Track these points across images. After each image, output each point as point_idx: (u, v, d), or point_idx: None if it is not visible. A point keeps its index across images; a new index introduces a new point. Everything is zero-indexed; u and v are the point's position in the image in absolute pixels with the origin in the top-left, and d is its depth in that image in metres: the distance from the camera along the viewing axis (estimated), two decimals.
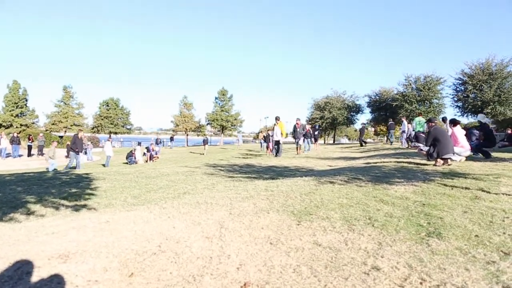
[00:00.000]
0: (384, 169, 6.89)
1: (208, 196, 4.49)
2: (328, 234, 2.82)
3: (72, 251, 2.61)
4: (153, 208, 3.96)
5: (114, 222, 3.42)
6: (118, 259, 2.47)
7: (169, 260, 2.44)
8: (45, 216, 3.74)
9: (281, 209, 3.63)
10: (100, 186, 5.69)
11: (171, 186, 5.71)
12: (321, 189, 4.50)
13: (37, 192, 5.09)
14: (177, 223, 3.32)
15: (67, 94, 48.53)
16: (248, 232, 2.97)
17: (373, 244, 2.56)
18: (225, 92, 54.07)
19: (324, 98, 42.13)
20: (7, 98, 47.07)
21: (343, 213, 3.40)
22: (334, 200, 3.91)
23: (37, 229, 3.20)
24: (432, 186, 4.60)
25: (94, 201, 4.49)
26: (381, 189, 4.46)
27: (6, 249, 2.67)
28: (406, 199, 3.93)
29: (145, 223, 3.36)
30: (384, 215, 3.28)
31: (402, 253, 2.36)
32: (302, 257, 2.39)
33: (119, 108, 53.73)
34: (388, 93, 37.63)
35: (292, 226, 3.07)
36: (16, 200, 4.54)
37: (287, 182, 5.31)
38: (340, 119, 40.41)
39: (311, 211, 3.50)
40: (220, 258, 2.45)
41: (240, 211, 3.60)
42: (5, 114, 46.42)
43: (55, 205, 4.22)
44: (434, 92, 32.18)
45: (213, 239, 2.83)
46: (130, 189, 5.44)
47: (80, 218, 3.63)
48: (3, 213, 3.81)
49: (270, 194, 4.32)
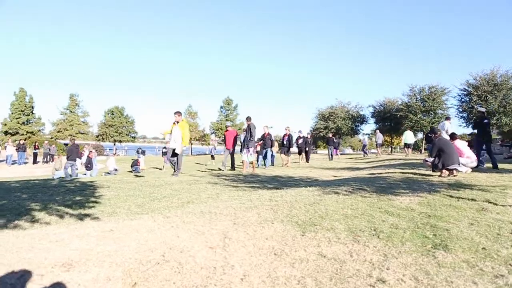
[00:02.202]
0: (389, 179, 6.85)
1: (212, 206, 4.48)
2: (333, 245, 2.80)
3: (76, 260, 2.60)
4: (157, 217, 3.95)
5: (117, 231, 3.40)
6: (121, 268, 2.45)
7: (172, 270, 2.42)
8: (49, 224, 3.74)
9: (286, 219, 3.61)
10: (104, 195, 5.69)
11: (175, 195, 5.70)
12: (325, 199, 4.48)
13: (41, 200, 5.10)
14: (180, 232, 3.30)
15: (73, 102, 48.86)
16: (252, 243, 2.94)
17: (378, 256, 2.53)
18: (230, 101, 54.22)
19: (329, 108, 42.21)
20: (14, 106, 47.45)
21: (348, 224, 3.37)
22: (339, 210, 3.88)
23: (41, 237, 3.20)
24: (437, 198, 4.57)
25: (98, 209, 4.48)
26: (386, 200, 4.43)
27: (10, 257, 2.66)
28: (412, 210, 3.90)
29: (148, 232, 3.34)
30: (389, 227, 3.25)
31: (408, 265, 2.33)
32: (306, 269, 2.37)
33: (123, 117, 53.96)
34: (392, 104, 37.67)
35: (297, 237, 3.05)
36: (20, 207, 4.54)
37: (291, 192, 5.29)
38: (344, 129, 40.42)
39: (316, 221, 3.47)
40: (224, 268, 2.43)
41: (244, 221, 3.58)
42: (11, 122, 46.76)
43: (59, 213, 4.21)
44: (439, 102, 32.18)
45: (217, 249, 2.81)
46: (134, 197, 5.43)
47: (83, 226, 3.62)
48: (8, 220, 3.81)
49: (274, 204, 4.30)
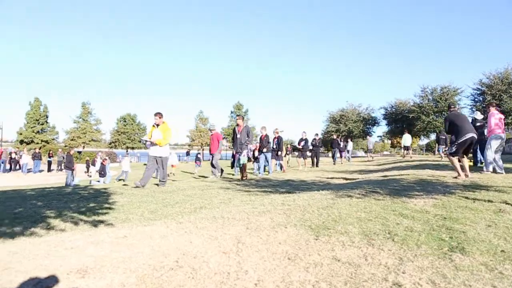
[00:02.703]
0: (402, 182, 6.77)
1: (225, 211, 4.48)
2: (347, 249, 2.77)
3: (90, 266, 2.62)
4: (170, 223, 3.97)
5: (131, 237, 3.43)
6: (135, 274, 2.47)
7: (186, 275, 2.43)
8: (64, 231, 3.78)
9: (299, 223, 3.59)
10: (118, 201, 5.74)
11: (187, 200, 5.72)
12: (338, 203, 4.45)
13: (56, 207, 5.16)
14: (194, 238, 3.31)
15: (86, 111, 49.64)
16: (266, 247, 2.93)
17: (393, 259, 2.50)
18: (240, 106, 54.41)
19: (340, 111, 42.01)
20: (29, 115, 48.42)
21: (362, 227, 3.34)
22: (352, 214, 3.84)
23: (56, 243, 3.23)
24: (453, 199, 4.50)
25: (111, 216, 4.52)
26: (400, 203, 4.37)
27: (27, 264, 2.70)
28: (426, 212, 3.85)
29: (162, 238, 3.36)
30: (404, 229, 3.20)
31: (424, 269, 2.29)
32: (321, 273, 2.35)
33: (136, 124, 54.58)
34: (404, 105, 37.29)
35: (310, 241, 3.03)
36: (36, 214, 4.60)
37: (303, 196, 5.26)
38: (356, 131, 40.15)
39: (329, 225, 3.44)
40: (238, 273, 2.42)
41: (257, 226, 3.58)
42: (27, 131, 47.68)
43: (74, 220, 4.26)
44: (451, 103, 31.80)
45: (230, 254, 2.81)
46: (147, 204, 5.47)
47: (98, 233, 3.65)
48: (24, 228, 3.86)
49: (287, 209, 4.28)
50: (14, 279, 2.41)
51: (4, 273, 2.52)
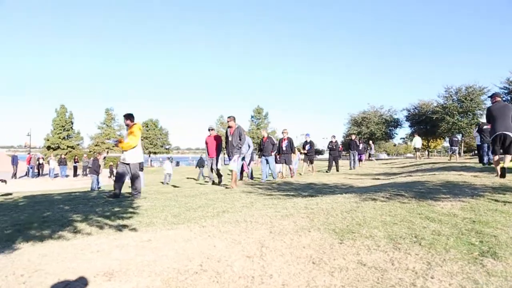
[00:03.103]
0: (428, 184, 6.62)
1: (247, 215, 4.48)
2: (373, 253, 2.72)
3: (116, 269, 2.66)
4: (193, 227, 3.99)
5: (155, 240, 3.47)
6: (160, 277, 2.49)
7: (210, 279, 2.43)
8: (90, 234, 3.86)
9: (322, 227, 3.55)
10: (141, 205, 5.82)
11: (210, 204, 5.75)
12: (362, 206, 4.38)
13: (82, 211, 5.27)
14: (217, 242, 3.32)
15: (109, 116, 50.78)
16: (290, 251, 2.91)
17: (421, 264, 2.44)
18: (260, 110, 54.50)
19: (361, 113, 41.53)
20: (55, 122, 49.90)
21: (387, 231, 3.27)
22: (377, 217, 3.78)
23: (83, 247, 3.30)
24: (482, 202, 4.36)
25: (135, 220, 4.59)
26: (426, 206, 4.27)
27: (55, 266, 2.77)
28: (454, 216, 3.74)
29: (185, 241, 3.38)
30: (431, 233, 3.12)
31: (454, 274, 2.23)
32: (346, 278, 2.32)
33: (158, 129, 55.40)
34: (427, 106, 36.56)
35: (335, 245, 2.99)
36: (63, 218, 4.72)
37: (326, 199, 5.21)
38: (378, 134, 39.60)
39: (354, 229, 3.39)
40: (262, 278, 2.41)
41: (280, 230, 3.56)
42: (53, 137, 49.11)
43: (100, 224, 4.34)
44: (477, 103, 30.93)
45: (254, 258, 2.80)
46: (170, 208, 5.52)
47: (122, 236, 3.71)
48: (52, 231, 3.96)
49: (310, 212, 4.25)
50: (44, 280, 2.48)
51: (34, 275, 2.60)
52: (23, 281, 2.48)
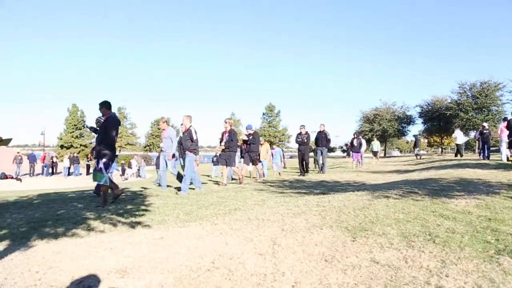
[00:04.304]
0: (442, 181, 6.53)
1: (259, 212, 4.48)
2: (386, 251, 2.69)
3: (129, 267, 2.69)
4: (205, 225, 4.01)
5: (167, 238, 3.49)
6: (173, 275, 2.51)
7: (223, 277, 2.44)
8: (103, 232, 3.90)
9: (335, 225, 3.53)
10: (154, 203, 5.87)
11: (221, 202, 5.77)
12: (375, 203, 4.34)
13: (95, 209, 5.34)
14: (229, 239, 3.32)
15: (121, 115, 51.27)
16: (302, 249, 2.90)
17: (435, 262, 2.40)
18: (272, 107, 54.47)
19: (373, 110, 41.04)
20: (68, 121, 50.56)
21: (400, 228, 3.24)
22: (390, 215, 3.74)
23: (96, 244, 3.34)
24: (497, 200, 4.28)
25: (148, 218, 4.62)
26: (440, 203, 4.21)
27: (69, 263, 2.81)
28: (469, 213, 3.68)
29: (197, 239, 3.40)
30: (445, 231, 3.08)
31: (469, 272, 2.19)
32: (359, 275, 2.30)
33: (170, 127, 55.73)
34: (441, 102, 35.94)
35: (347, 243, 2.97)
36: (77, 216, 4.78)
37: (338, 197, 5.18)
38: (390, 131, 39.13)
39: (366, 227, 3.37)
40: (275, 275, 2.41)
41: (292, 227, 3.55)
42: (66, 136, 49.75)
43: (112, 222, 4.38)
44: (492, 99, 30.23)
45: (266, 256, 2.80)
46: (182, 205, 5.55)
47: (135, 234, 3.75)
48: (66, 229, 4.01)
49: (322, 210, 4.23)
50: (59, 277, 2.52)
51: (49, 272, 2.64)
52: (38, 278, 2.52)
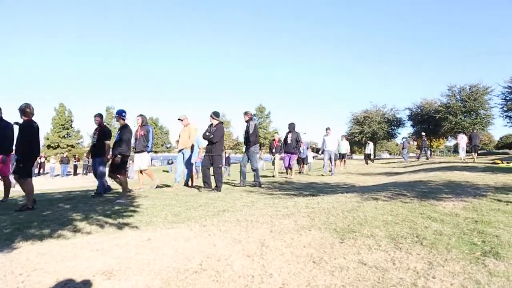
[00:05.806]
0: (430, 184, 6.59)
1: (248, 214, 4.46)
2: (374, 253, 2.70)
3: (116, 268, 2.65)
4: (193, 226, 3.98)
5: (155, 239, 3.45)
6: (160, 276, 2.48)
7: (210, 278, 2.42)
8: (90, 233, 3.84)
9: (323, 226, 3.53)
10: (142, 204, 5.81)
11: (210, 203, 5.73)
12: (364, 205, 4.36)
13: (82, 210, 5.26)
14: (217, 241, 3.30)
15: (110, 115, 50.74)
16: (290, 251, 2.89)
17: (422, 264, 2.41)
18: (262, 109, 54.56)
19: (363, 112, 41.39)
20: (55, 120, 49.95)
21: (389, 230, 3.25)
22: (378, 217, 3.75)
23: (82, 246, 3.29)
24: (484, 202, 4.33)
25: (136, 219, 4.57)
26: (428, 205, 4.24)
27: (55, 265, 2.75)
28: (456, 215, 3.72)
29: (185, 241, 3.37)
30: (433, 233, 3.10)
31: (455, 274, 2.20)
32: (347, 277, 2.29)
33: (158, 127, 55.39)
34: (430, 105, 36.39)
35: (335, 244, 2.97)
36: (63, 217, 4.70)
37: (328, 199, 5.18)
38: (380, 133, 39.49)
39: (355, 228, 3.37)
40: (262, 277, 2.39)
41: (281, 229, 3.54)
42: (53, 136, 49.13)
43: (100, 223, 4.33)
44: (481, 102, 30.69)
45: (254, 258, 2.78)
46: (171, 206, 5.51)
47: (122, 235, 3.70)
48: (52, 230, 3.95)
49: (311, 211, 4.22)
50: (43, 280, 2.47)
51: (33, 274, 2.58)
52: (21, 280, 2.46)
